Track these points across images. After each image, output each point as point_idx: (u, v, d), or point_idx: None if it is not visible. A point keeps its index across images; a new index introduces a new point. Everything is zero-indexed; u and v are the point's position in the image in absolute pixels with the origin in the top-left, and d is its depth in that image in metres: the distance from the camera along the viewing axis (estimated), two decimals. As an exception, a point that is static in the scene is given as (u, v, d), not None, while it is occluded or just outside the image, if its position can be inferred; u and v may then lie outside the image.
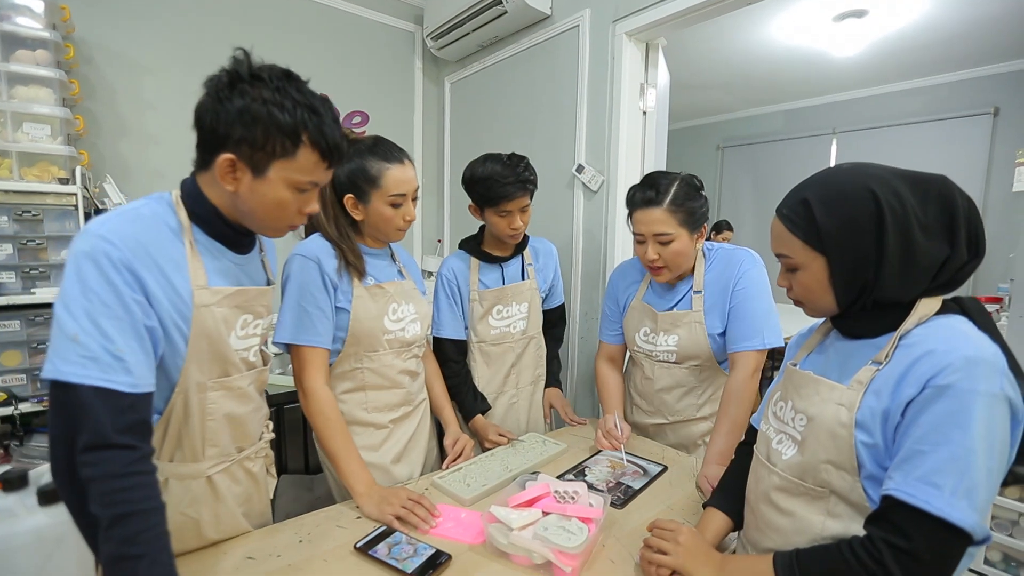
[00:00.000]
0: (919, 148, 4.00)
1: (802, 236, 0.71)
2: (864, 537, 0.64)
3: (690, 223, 1.22)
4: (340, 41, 2.53)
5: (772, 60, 3.59)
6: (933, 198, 0.66)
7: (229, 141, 0.74)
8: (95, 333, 0.66)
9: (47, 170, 1.63)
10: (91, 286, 0.67)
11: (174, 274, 0.76)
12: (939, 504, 0.57)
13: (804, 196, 0.71)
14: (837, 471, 0.68)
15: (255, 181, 0.77)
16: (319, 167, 0.80)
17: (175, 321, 0.76)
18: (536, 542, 0.85)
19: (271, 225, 0.84)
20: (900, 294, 0.68)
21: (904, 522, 0.60)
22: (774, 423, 0.82)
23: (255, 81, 0.74)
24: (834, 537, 0.69)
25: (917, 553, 0.58)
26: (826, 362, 0.78)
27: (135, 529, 0.65)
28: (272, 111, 0.73)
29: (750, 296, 1.24)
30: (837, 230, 0.68)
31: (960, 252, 0.66)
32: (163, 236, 0.76)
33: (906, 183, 0.67)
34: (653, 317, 1.35)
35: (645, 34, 1.84)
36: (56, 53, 1.68)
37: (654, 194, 1.21)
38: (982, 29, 3.03)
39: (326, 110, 0.78)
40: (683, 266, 1.28)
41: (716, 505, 0.92)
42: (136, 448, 0.68)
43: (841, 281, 0.70)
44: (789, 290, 0.78)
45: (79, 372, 0.65)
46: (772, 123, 4.90)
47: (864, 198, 0.66)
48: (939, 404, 0.59)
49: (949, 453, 0.58)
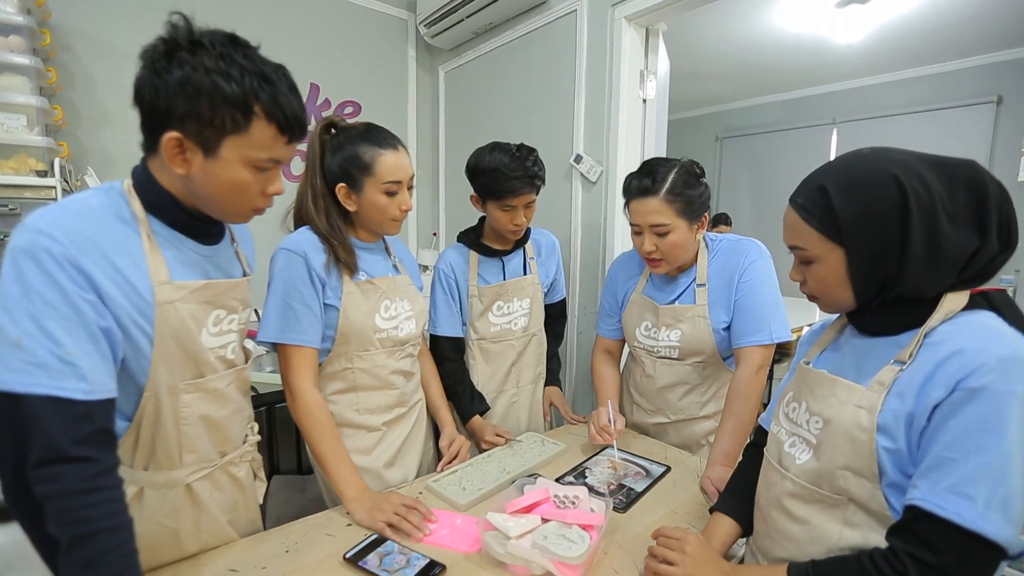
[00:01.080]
0: (921, 137, 3.96)
1: (818, 226, 0.66)
2: (887, 549, 0.59)
3: (688, 213, 1.17)
4: (331, 29, 2.46)
5: (772, 48, 3.53)
6: (961, 184, 0.61)
7: (172, 118, 0.67)
8: (40, 337, 0.60)
9: (24, 162, 1.57)
10: (33, 286, 0.61)
11: (130, 270, 0.69)
12: (971, 516, 0.53)
13: (821, 183, 0.66)
14: (856, 478, 0.64)
15: (207, 161, 0.70)
16: (278, 142, 0.72)
17: (135, 320, 0.70)
18: (535, 552, 0.81)
19: (232, 210, 0.77)
20: (924, 288, 0.63)
21: (932, 535, 0.56)
22: (786, 425, 0.77)
23: (195, 48, 0.66)
24: (852, 548, 0.65)
25: (946, 569, 0.55)
26: (841, 360, 0.73)
27: (98, 550, 0.60)
28: (217, 81, 0.66)
29: (756, 288, 1.20)
30: (857, 219, 0.63)
31: (991, 243, 0.61)
32: (113, 228, 0.70)
33: (932, 168, 0.62)
34: (654, 311, 1.31)
35: (645, 18, 1.78)
36: (31, 40, 1.61)
37: (650, 183, 1.16)
38: (986, 16, 2.97)
39: (280, 78, 0.71)
40: (681, 258, 1.23)
41: (723, 510, 0.88)
42: (95, 460, 0.62)
43: (860, 274, 0.65)
44: (803, 284, 0.73)
45: (25, 380, 0.60)
46: (772, 113, 4.85)
47: (886, 184, 0.61)
48: (971, 408, 0.55)
49: (983, 461, 0.54)
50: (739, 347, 1.21)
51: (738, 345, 1.21)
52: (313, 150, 1.09)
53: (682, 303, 1.27)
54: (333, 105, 2.51)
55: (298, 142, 0.76)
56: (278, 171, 0.77)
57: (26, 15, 1.57)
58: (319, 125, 1.10)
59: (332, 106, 2.51)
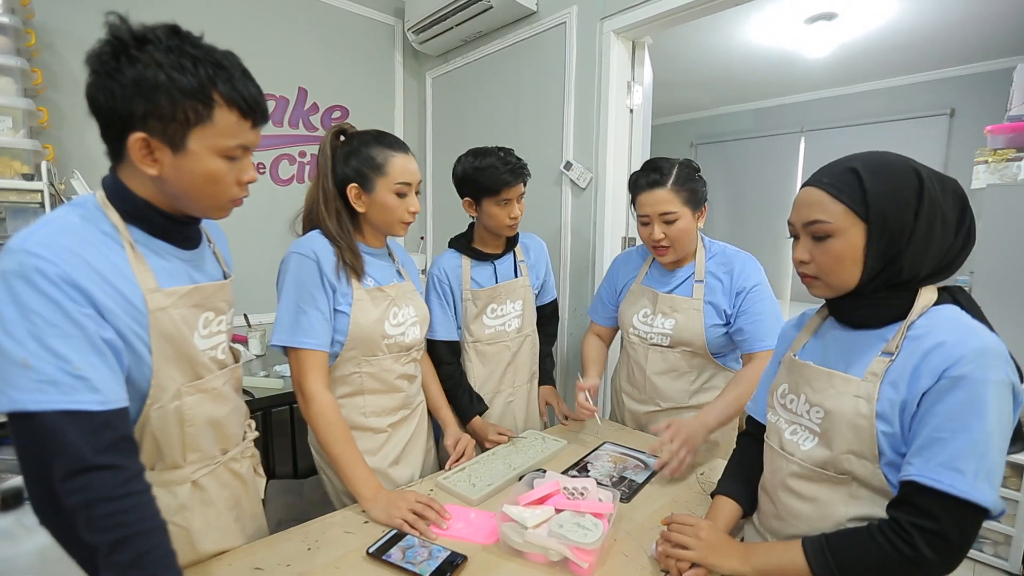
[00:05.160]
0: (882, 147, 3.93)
1: (847, 201, 0.71)
2: (891, 521, 0.67)
3: (693, 202, 1.28)
4: (318, 33, 2.46)
5: (746, 60, 3.68)
6: (951, 193, 0.71)
7: (134, 119, 0.66)
8: (46, 355, 0.60)
9: (9, 165, 1.54)
10: (30, 306, 0.60)
11: (120, 281, 0.69)
12: (964, 487, 0.61)
13: (851, 166, 0.72)
14: (859, 460, 0.72)
15: (177, 157, 0.69)
16: (243, 127, 0.72)
17: (133, 330, 0.70)
18: (552, 539, 0.85)
19: (210, 204, 0.76)
20: (912, 272, 0.71)
21: (930, 505, 0.63)
22: (784, 414, 0.84)
23: (142, 45, 0.65)
24: (858, 518, 0.73)
25: (946, 533, 0.63)
26: (825, 351, 0.81)
27: (138, 551, 0.61)
28: (172, 75, 0.65)
29: (764, 298, 1.30)
30: (884, 197, 0.69)
31: (960, 242, 0.71)
32: (99, 243, 0.69)
33: (933, 174, 0.72)
34: (653, 298, 1.39)
35: (632, 32, 1.86)
36: (16, 40, 1.58)
37: (658, 176, 1.27)
38: (943, 33, 3.18)
39: (233, 64, 0.70)
40: (687, 246, 1.33)
41: (725, 492, 0.95)
42: (121, 467, 0.63)
43: (877, 250, 0.70)
44: (806, 265, 0.76)
45: (38, 399, 0.59)
46: (743, 121, 5.03)
47: (909, 173, 0.70)
48: (955, 394, 0.63)
49: (968, 439, 0.62)
50: (751, 351, 1.30)
51: (751, 350, 1.30)
52: (324, 155, 1.12)
53: (680, 294, 1.36)
54: (321, 109, 2.51)
55: (261, 126, 0.76)
56: (249, 159, 0.77)
57: (11, 15, 1.54)
58: (330, 131, 1.13)
59: (320, 110, 2.51)
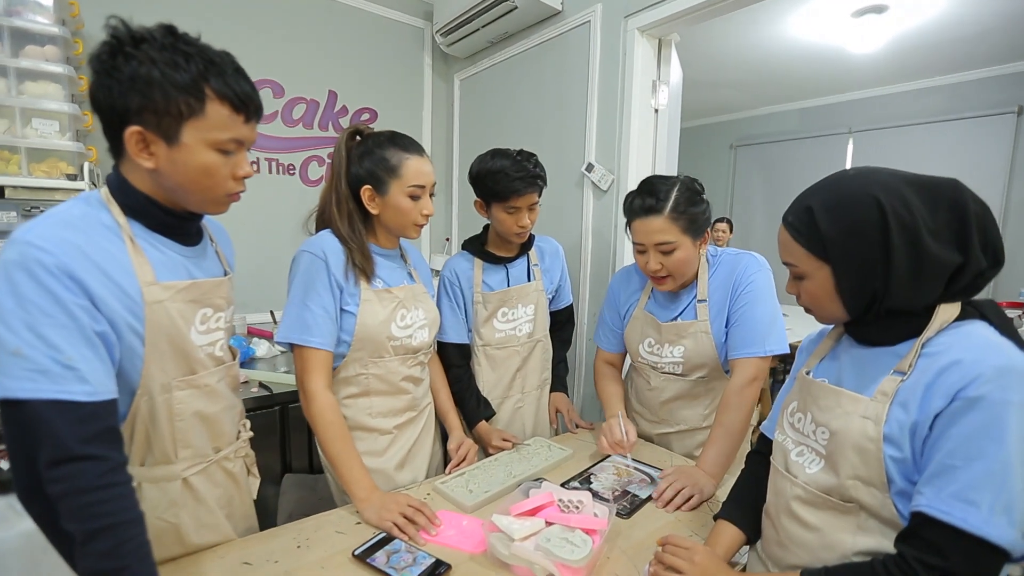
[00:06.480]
0: (938, 148, 3.91)
1: (805, 244, 0.69)
2: (896, 556, 0.61)
3: (692, 230, 1.18)
4: (348, 38, 2.51)
5: (788, 57, 3.52)
6: (943, 204, 0.63)
7: (130, 113, 0.69)
8: (39, 345, 0.62)
9: (55, 166, 1.63)
10: (27, 296, 0.63)
11: (118, 274, 0.71)
12: (976, 522, 0.55)
13: (808, 203, 0.69)
14: (866, 487, 0.65)
15: (172, 150, 0.72)
16: (235, 122, 0.74)
17: (128, 322, 0.72)
18: (538, 554, 0.82)
19: (206, 197, 0.78)
20: (912, 301, 0.65)
21: (939, 540, 0.57)
22: (791, 434, 0.78)
23: (139, 44, 0.68)
24: (866, 552, 0.67)
25: (955, 572, 0.56)
26: (840, 370, 0.75)
27: (113, 542, 0.63)
28: (165, 71, 0.68)
29: (754, 301, 1.20)
30: (840, 238, 0.66)
31: (975, 259, 0.63)
32: (99, 236, 0.71)
33: (914, 189, 0.64)
34: (657, 328, 1.31)
35: (658, 30, 1.80)
36: (65, 49, 1.68)
37: (654, 201, 1.16)
38: (1006, 26, 2.94)
39: (225, 61, 0.73)
40: (688, 274, 1.24)
41: (728, 517, 0.89)
42: (105, 458, 0.65)
43: (848, 290, 0.68)
44: (798, 298, 0.76)
45: (27, 387, 0.61)
46: (787, 122, 4.82)
47: (868, 205, 0.64)
48: (971, 416, 0.57)
49: (984, 467, 0.55)
50: (734, 358, 1.21)
51: (733, 356, 1.21)
52: (339, 155, 1.13)
53: (684, 319, 1.28)
54: (350, 112, 2.56)
55: (256, 121, 0.78)
56: (244, 154, 0.79)
57: (61, 25, 1.64)
58: (345, 132, 1.14)
59: (349, 113, 2.56)
